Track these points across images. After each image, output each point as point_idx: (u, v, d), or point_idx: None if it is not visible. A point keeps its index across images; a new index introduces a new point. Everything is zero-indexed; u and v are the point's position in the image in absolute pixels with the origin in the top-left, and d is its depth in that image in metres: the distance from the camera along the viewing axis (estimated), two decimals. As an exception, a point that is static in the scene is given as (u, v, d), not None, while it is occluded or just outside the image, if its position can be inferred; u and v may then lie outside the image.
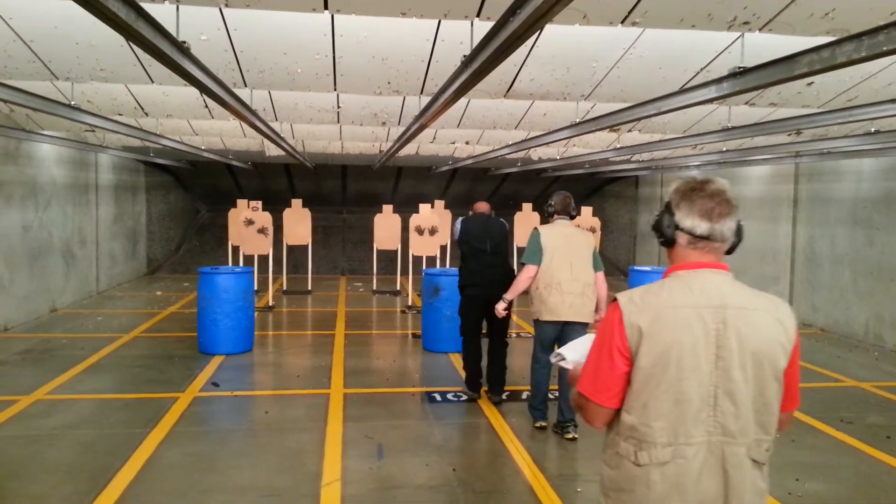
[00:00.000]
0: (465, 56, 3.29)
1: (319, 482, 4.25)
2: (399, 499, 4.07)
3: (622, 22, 3.36)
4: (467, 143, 10.21)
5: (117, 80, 5.29)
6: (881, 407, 6.11)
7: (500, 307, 5.35)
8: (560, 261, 5.04)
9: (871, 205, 8.72)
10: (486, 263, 5.93)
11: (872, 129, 6.19)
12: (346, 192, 16.92)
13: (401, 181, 16.41)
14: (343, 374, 6.85)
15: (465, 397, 6.13)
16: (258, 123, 5.64)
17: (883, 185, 8.63)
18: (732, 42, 4.59)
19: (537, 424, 5.29)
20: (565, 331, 5.08)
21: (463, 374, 6.38)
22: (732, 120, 6.75)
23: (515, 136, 9.03)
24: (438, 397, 6.14)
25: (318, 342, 8.43)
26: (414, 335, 8.75)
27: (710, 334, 1.75)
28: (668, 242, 1.87)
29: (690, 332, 1.75)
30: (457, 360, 7.44)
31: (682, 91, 4.02)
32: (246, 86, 5.37)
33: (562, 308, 5.02)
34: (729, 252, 1.87)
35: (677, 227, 1.82)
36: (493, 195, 17.45)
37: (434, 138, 9.88)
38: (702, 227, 1.79)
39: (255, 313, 9.91)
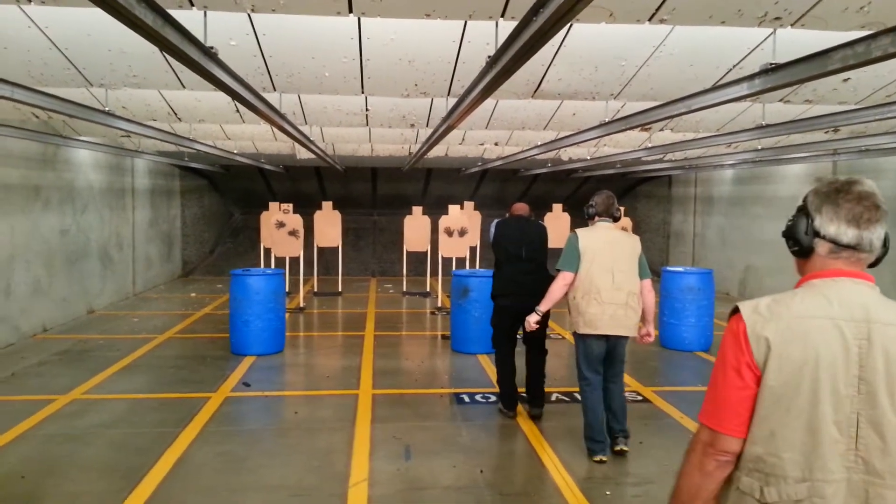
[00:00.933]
0: (489, 56, 3.28)
1: (347, 482, 4.28)
2: (426, 500, 4.07)
3: (650, 19, 3.31)
4: (496, 144, 10.18)
5: (150, 85, 5.39)
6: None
7: (532, 319, 4.82)
8: (600, 267, 4.54)
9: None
10: (521, 270, 5.45)
11: (911, 126, 6.00)
12: (376, 194, 17.01)
13: (430, 183, 16.45)
14: (372, 374, 6.87)
15: (493, 398, 6.10)
16: (287, 127, 5.69)
17: (925, 182, 8.37)
18: (765, 38, 4.50)
19: (596, 458, 4.61)
20: (611, 344, 4.66)
21: (494, 377, 6.34)
22: (767, 118, 6.62)
23: (545, 137, 8.98)
24: (467, 398, 6.13)
25: (348, 343, 8.48)
26: (443, 336, 8.75)
27: (852, 351, 1.52)
28: (805, 252, 1.66)
29: (827, 347, 1.53)
30: (486, 362, 7.42)
31: (714, 88, 3.95)
32: (275, 90, 5.42)
33: (601, 320, 4.52)
34: (874, 265, 1.65)
35: (817, 234, 1.62)
36: (524, 196, 17.38)
37: (463, 140, 9.88)
38: (848, 234, 1.59)
39: (286, 314, 10.05)
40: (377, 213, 17.23)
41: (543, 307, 4.78)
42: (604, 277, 4.54)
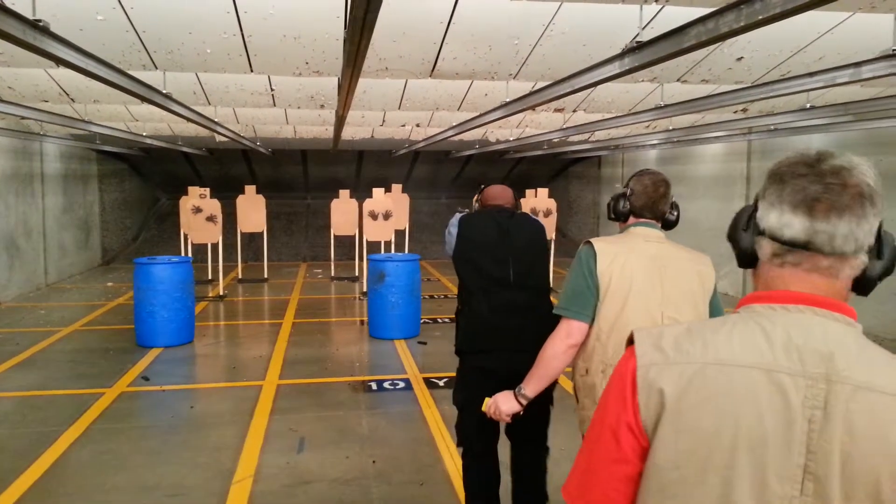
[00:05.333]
0: (346, 32, 3.13)
1: (231, 479, 4.12)
2: (309, 494, 3.95)
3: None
4: (418, 125, 10.04)
5: (18, 64, 5.06)
6: None
7: (507, 408, 2.51)
8: (639, 311, 2.37)
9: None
10: (507, 305, 3.10)
11: (807, 105, 6.10)
12: (307, 177, 16.69)
13: (363, 166, 16.22)
14: (281, 364, 6.70)
15: (401, 385, 6.01)
16: (175, 107, 5.44)
17: (831, 160, 8.59)
18: (654, 16, 4.46)
19: None
20: None
21: (408, 362, 6.23)
22: (673, 98, 6.65)
23: (461, 118, 8.88)
24: (375, 386, 6.02)
25: (264, 332, 8.27)
26: (362, 322, 8.62)
27: (797, 426, 0.98)
28: (746, 258, 1.13)
29: (756, 415, 0.99)
30: (401, 347, 7.33)
31: (590, 68, 3.90)
32: (156, 68, 5.15)
33: None
34: (865, 285, 1.08)
35: (758, 231, 1.10)
36: (458, 178, 17.32)
37: (384, 121, 9.71)
38: (793, 224, 1.04)
39: (205, 303, 9.76)
40: (311, 197, 16.92)
41: (531, 388, 2.47)
42: None
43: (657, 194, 2.50)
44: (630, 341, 1.11)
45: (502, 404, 2.51)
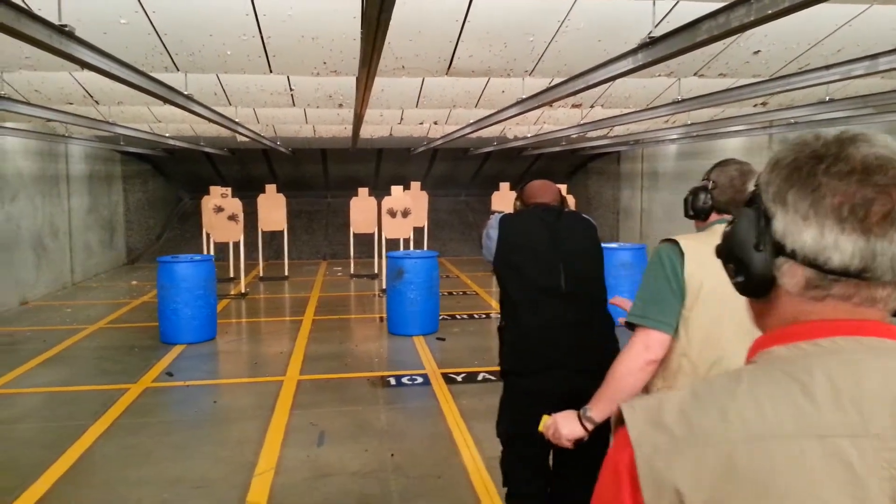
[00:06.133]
0: (361, 32, 3.18)
1: (253, 472, 4.21)
2: (329, 486, 4.02)
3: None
4: (436, 122, 10.08)
5: (44, 68, 5.19)
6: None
7: (568, 432, 2.14)
8: (735, 322, 1.93)
9: (842, 174, 8.61)
10: (559, 316, 2.71)
11: (826, 98, 6.04)
12: (327, 175, 16.81)
13: (382, 164, 16.30)
14: (302, 360, 6.79)
15: (420, 380, 6.06)
16: (196, 108, 5.53)
17: (853, 154, 8.51)
18: (668, 11, 4.46)
19: None
20: None
21: (427, 362, 6.28)
22: (691, 93, 6.62)
23: (479, 115, 8.91)
24: (393, 381, 6.08)
25: (285, 328, 8.37)
26: (381, 319, 8.69)
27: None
28: (758, 286, 0.84)
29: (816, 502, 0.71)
30: (420, 343, 7.38)
31: (604, 64, 3.91)
32: (178, 70, 5.25)
33: None
34: None
35: (780, 250, 0.80)
36: (476, 175, 17.34)
37: (402, 119, 9.77)
38: (844, 247, 0.76)
39: (227, 301, 9.90)
40: (330, 196, 17.05)
41: (599, 411, 2.09)
42: (743, 347, 1.14)
43: (746, 187, 2.10)
44: (619, 420, 0.80)
45: (563, 427, 2.12)
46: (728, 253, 0.88)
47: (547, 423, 2.17)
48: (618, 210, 15.49)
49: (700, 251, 2.02)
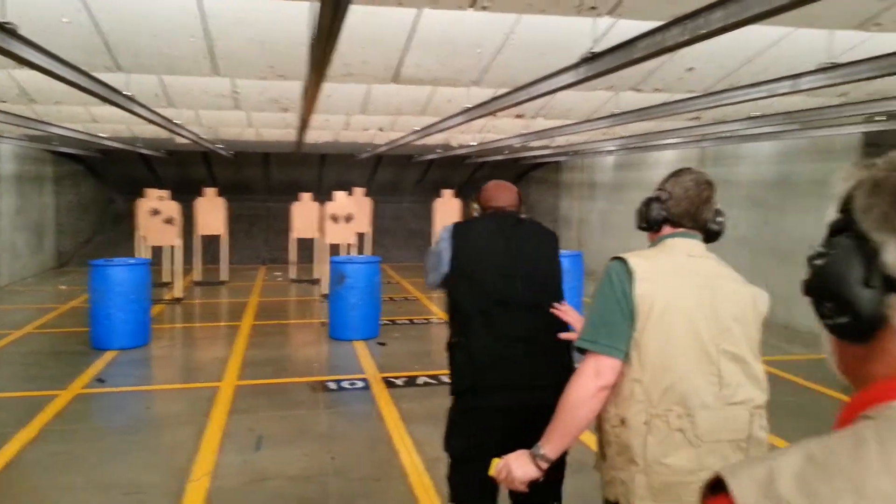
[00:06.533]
0: (312, 41, 3.21)
1: (188, 478, 4.13)
2: (267, 490, 4.00)
3: (471, 6, 3.32)
4: (381, 129, 10.11)
5: (-28, 61, 4.98)
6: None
7: (522, 473, 1.94)
8: (687, 346, 1.88)
9: (766, 187, 9.03)
10: (516, 331, 2.56)
11: (754, 113, 6.36)
12: (269, 179, 16.61)
13: (325, 169, 16.21)
14: (240, 365, 6.69)
15: (360, 384, 6.06)
16: (138, 109, 5.42)
17: (776, 168, 8.94)
18: (608, 30, 4.63)
19: None
20: None
21: (367, 365, 6.27)
22: (621, 106, 6.87)
23: (424, 122, 8.98)
24: (334, 386, 6.06)
25: (221, 334, 8.23)
26: (322, 324, 8.64)
27: None
28: (869, 326, 0.73)
29: None
30: (360, 348, 7.38)
31: (547, 77, 4.04)
32: (120, 70, 5.14)
33: (696, 483, 1.71)
34: None
35: (893, 286, 0.71)
36: (421, 182, 17.42)
37: (347, 125, 9.75)
38: None
39: (161, 306, 9.65)
40: (271, 200, 16.82)
41: (553, 448, 1.93)
42: (700, 370, 1.88)
43: (700, 199, 2.03)
44: (714, 487, 0.68)
45: (516, 469, 1.93)
46: (823, 290, 0.76)
47: (498, 467, 2.00)
48: (557, 218, 15.81)
49: (650, 269, 1.91)
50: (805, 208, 8.37)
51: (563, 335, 2.36)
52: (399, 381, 6.12)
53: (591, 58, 3.38)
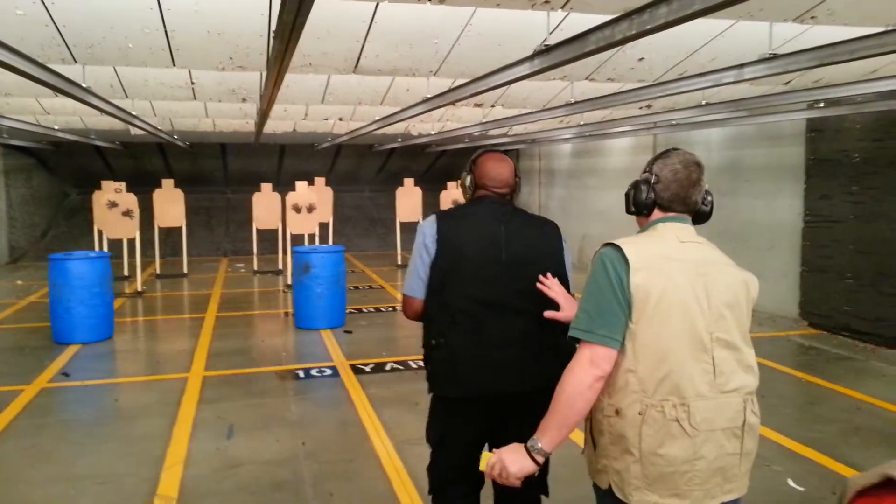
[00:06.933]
0: (275, 35, 3.28)
1: (162, 466, 4.20)
2: (241, 475, 4.09)
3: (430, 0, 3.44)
4: (341, 119, 10.14)
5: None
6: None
7: (517, 469, 1.86)
8: (682, 334, 1.85)
9: (718, 172, 9.36)
10: (505, 336, 2.38)
11: (703, 102, 6.62)
12: (227, 171, 16.45)
13: (285, 159, 16.12)
14: (206, 356, 6.72)
15: (329, 372, 6.16)
16: (94, 101, 5.39)
17: (727, 153, 9.27)
18: (560, 22, 4.79)
19: None
20: None
21: (335, 353, 6.37)
22: (582, 96, 7.06)
23: (384, 112, 9.06)
24: (302, 374, 6.15)
25: (186, 326, 8.22)
26: (287, 314, 8.69)
27: None
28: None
29: None
30: (328, 336, 7.47)
31: (504, 68, 4.18)
32: (76, 62, 5.11)
33: (694, 476, 1.83)
34: None
35: None
36: (381, 171, 17.45)
37: (306, 115, 9.76)
38: None
39: (122, 300, 9.57)
40: (231, 191, 16.68)
41: (549, 441, 1.87)
42: (694, 358, 1.85)
43: (690, 181, 1.96)
44: (867, 490, 0.62)
45: (511, 464, 1.85)
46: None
47: (490, 462, 1.88)
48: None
49: (645, 256, 1.86)
50: (755, 193, 8.72)
51: (548, 313, 2.23)
52: (367, 368, 6.24)
53: (545, 50, 3.53)
